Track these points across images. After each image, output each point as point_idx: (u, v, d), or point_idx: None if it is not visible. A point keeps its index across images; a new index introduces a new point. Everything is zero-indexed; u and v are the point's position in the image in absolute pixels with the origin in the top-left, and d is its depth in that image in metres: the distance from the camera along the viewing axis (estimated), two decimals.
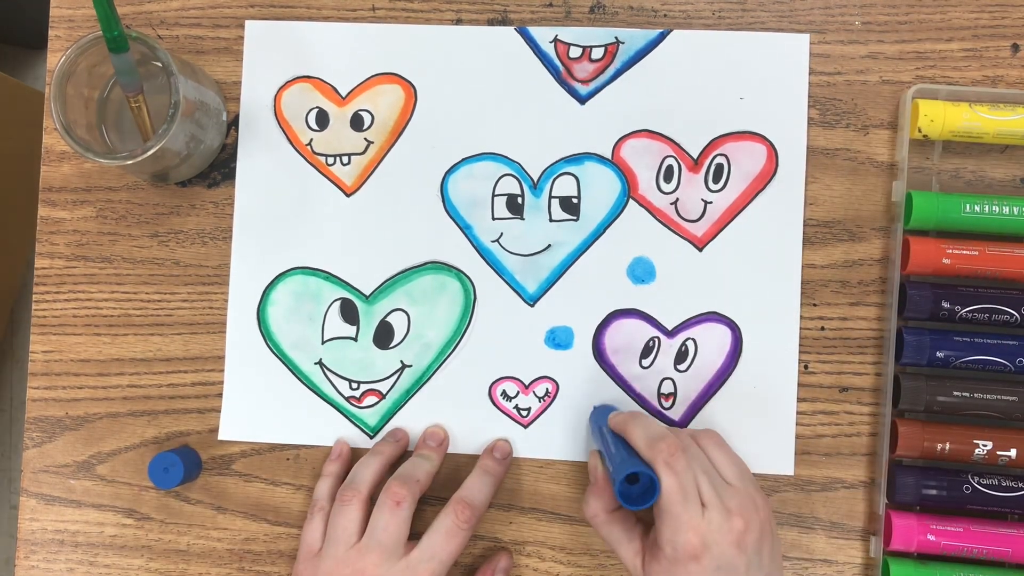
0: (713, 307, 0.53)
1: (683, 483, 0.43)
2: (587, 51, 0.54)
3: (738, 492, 0.44)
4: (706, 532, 0.42)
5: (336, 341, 0.54)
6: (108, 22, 0.44)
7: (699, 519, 0.42)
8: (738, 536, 0.42)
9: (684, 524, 0.42)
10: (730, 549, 0.42)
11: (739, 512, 0.43)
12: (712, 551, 0.42)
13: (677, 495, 0.42)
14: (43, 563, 0.54)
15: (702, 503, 0.43)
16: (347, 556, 0.46)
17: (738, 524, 0.43)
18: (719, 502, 0.43)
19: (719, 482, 0.44)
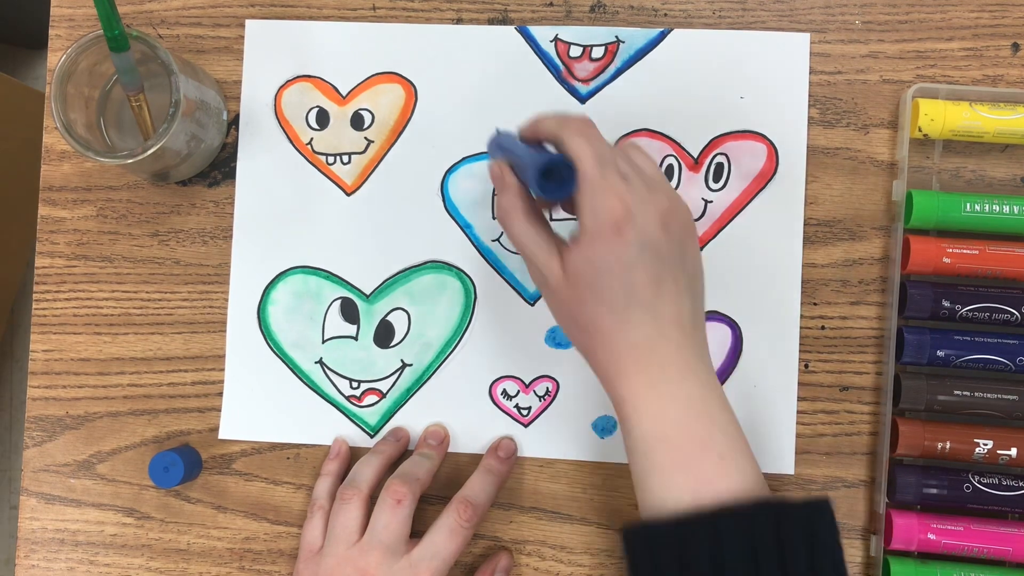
0: (713, 306, 0.53)
1: (599, 150, 0.40)
2: (587, 50, 0.54)
3: (662, 180, 0.41)
4: (629, 198, 0.39)
5: (336, 340, 0.54)
6: (109, 21, 0.44)
7: (621, 184, 0.39)
8: (663, 214, 0.39)
9: (604, 188, 0.39)
10: (654, 223, 0.39)
11: (665, 193, 0.40)
12: (636, 222, 0.38)
13: (593, 160, 0.39)
14: (43, 562, 0.54)
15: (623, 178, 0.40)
16: (348, 555, 0.46)
17: (662, 200, 0.40)
18: (639, 179, 0.40)
19: (640, 168, 0.41)
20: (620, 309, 0.39)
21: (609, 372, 0.41)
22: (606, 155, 0.40)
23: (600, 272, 0.39)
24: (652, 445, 0.39)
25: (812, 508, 0.38)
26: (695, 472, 0.38)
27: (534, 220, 0.42)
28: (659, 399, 0.39)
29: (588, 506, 0.52)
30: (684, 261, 0.40)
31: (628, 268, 0.39)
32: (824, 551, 0.37)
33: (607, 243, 0.39)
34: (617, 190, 0.39)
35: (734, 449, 0.39)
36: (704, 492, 0.38)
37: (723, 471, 0.38)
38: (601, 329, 0.40)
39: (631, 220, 0.38)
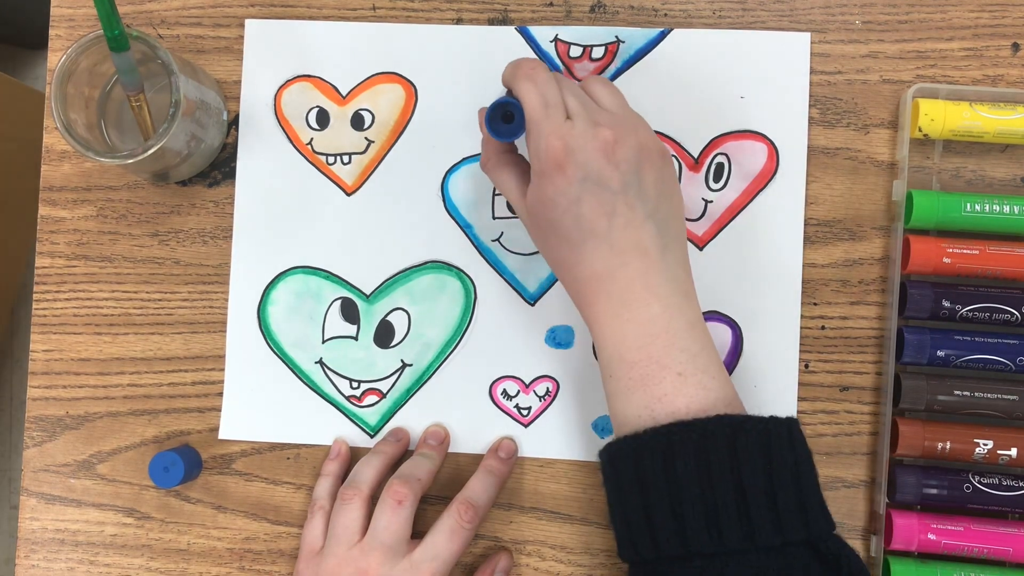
0: (714, 306, 0.53)
1: (544, 93, 0.41)
2: (588, 50, 0.54)
3: (612, 114, 0.42)
4: (568, 136, 0.40)
5: (336, 340, 0.54)
6: (109, 21, 0.44)
7: (561, 124, 0.40)
8: (605, 145, 0.40)
9: (545, 130, 0.40)
10: (596, 157, 0.40)
11: (609, 126, 0.41)
12: (576, 157, 0.40)
13: (537, 102, 0.41)
14: (43, 562, 0.54)
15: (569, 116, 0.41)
16: (349, 555, 0.46)
17: (605, 134, 0.40)
18: (586, 114, 0.41)
19: (591, 104, 0.42)
20: (576, 242, 0.41)
21: (577, 300, 0.43)
22: (551, 96, 0.41)
23: (549, 208, 0.41)
24: (615, 367, 0.41)
25: (771, 423, 0.38)
26: (652, 390, 0.40)
27: (504, 164, 0.45)
28: (620, 323, 0.41)
29: (588, 506, 0.52)
30: (641, 189, 0.41)
31: (575, 202, 0.40)
32: (782, 464, 0.37)
33: (551, 181, 0.41)
34: (558, 129, 0.40)
35: (696, 366, 0.40)
36: (661, 409, 0.39)
37: (681, 389, 0.39)
38: (563, 262, 0.42)
39: (571, 156, 0.40)
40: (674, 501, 0.37)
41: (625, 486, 0.39)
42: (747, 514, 0.36)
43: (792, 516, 0.37)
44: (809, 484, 0.38)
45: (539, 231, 0.43)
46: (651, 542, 0.38)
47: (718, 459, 0.37)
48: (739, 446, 0.37)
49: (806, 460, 0.39)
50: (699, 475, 0.37)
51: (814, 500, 0.38)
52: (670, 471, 0.37)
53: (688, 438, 0.37)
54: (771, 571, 0.36)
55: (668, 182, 0.43)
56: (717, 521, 0.37)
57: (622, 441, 0.39)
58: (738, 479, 0.37)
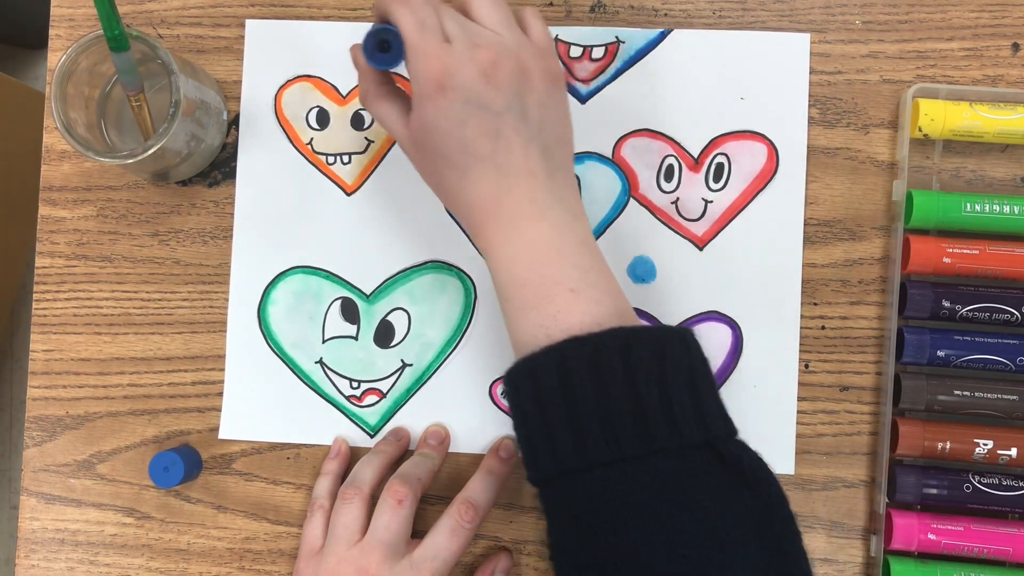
0: (714, 306, 0.53)
1: (420, 17, 0.40)
2: (588, 50, 0.54)
3: (493, 35, 0.41)
4: (447, 58, 0.39)
5: (337, 340, 0.54)
6: (109, 21, 0.44)
7: (439, 46, 0.40)
8: (484, 67, 0.40)
9: (424, 52, 0.40)
10: (476, 79, 0.39)
11: (488, 47, 0.40)
12: (456, 79, 0.39)
13: (413, 26, 0.40)
14: (43, 562, 0.54)
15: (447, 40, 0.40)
16: (349, 554, 0.46)
17: (484, 55, 0.40)
18: (465, 36, 0.40)
19: (471, 26, 0.41)
20: (460, 166, 0.41)
21: (468, 227, 0.43)
22: (427, 20, 0.41)
23: (433, 133, 0.41)
24: (509, 290, 0.41)
25: (664, 331, 0.39)
26: (546, 309, 0.39)
27: (384, 96, 0.44)
28: (511, 246, 0.41)
29: None
30: (525, 110, 0.41)
31: (458, 125, 0.40)
32: (676, 370, 0.37)
33: (433, 104, 0.40)
34: (435, 52, 0.40)
35: (588, 283, 0.40)
36: (555, 327, 0.39)
37: (574, 305, 0.39)
38: (450, 187, 0.42)
39: (451, 78, 0.39)
40: (571, 414, 0.37)
41: (525, 406, 0.39)
42: (644, 419, 0.36)
43: (689, 419, 0.37)
44: (706, 389, 0.38)
45: (424, 159, 0.43)
46: (552, 457, 0.38)
47: (612, 370, 0.37)
48: (633, 355, 0.37)
49: (702, 367, 0.39)
50: (594, 387, 0.37)
51: (711, 404, 0.38)
52: (566, 386, 0.37)
53: (582, 352, 0.37)
54: (669, 473, 0.36)
55: (553, 106, 0.42)
56: (614, 429, 0.37)
57: (520, 362, 0.39)
58: (633, 387, 0.37)
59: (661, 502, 0.36)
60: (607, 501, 0.37)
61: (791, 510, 0.38)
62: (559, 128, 0.43)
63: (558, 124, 0.43)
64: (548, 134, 0.42)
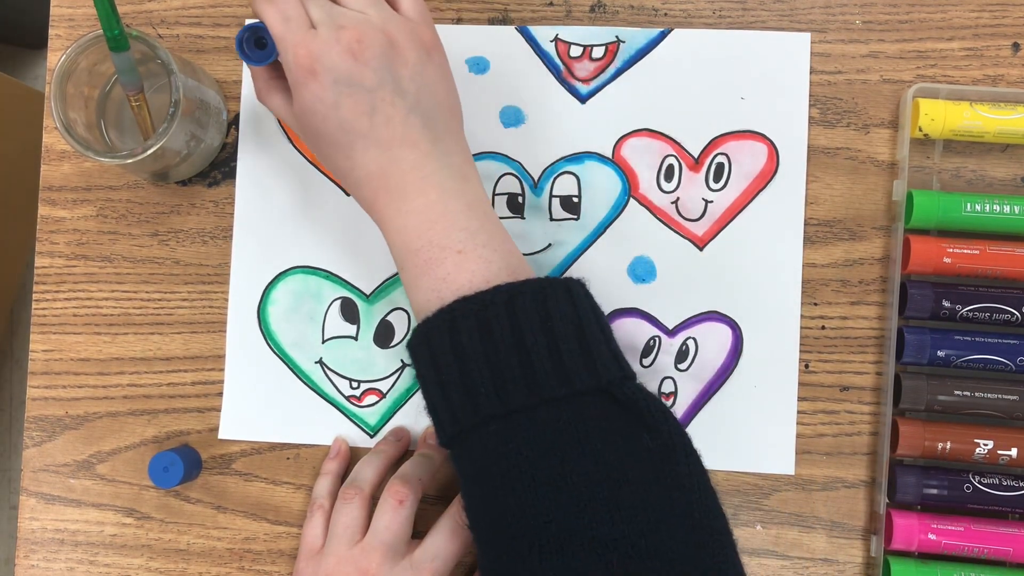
0: (714, 306, 0.53)
1: (283, 9, 0.42)
2: (588, 50, 0.54)
3: (358, 14, 0.42)
4: (312, 43, 0.41)
5: (336, 340, 0.54)
6: (109, 21, 0.44)
7: (305, 34, 0.41)
8: (350, 46, 0.40)
9: (290, 42, 0.41)
10: (343, 59, 0.40)
11: (353, 26, 0.41)
12: (323, 62, 0.40)
13: (278, 20, 0.41)
14: (43, 562, 0.54)
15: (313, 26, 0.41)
16: (350, 555, 0.46)
17: (349, 35, 0.41)
18: (329, 20, 0.41)
19: (335, 9, 0.42)
20: (344, 146, 0.42)
21: (363, 204, 0.44)
22: (290, 10, 0.42)
23: (313, 117, 0.42)
24: (403, 259, 0.42)
25: (548, 282, 0.39)
26: (436, 272, 0.40)
27: (273, 89, 0.45)
28: (401, 216, 0.42)
29: None
30: (398, 83, 0.42)
31: (333, 107, 0.41)
32: (562, 318, 0.38)
33: (307, 89, 0.41)
34: (301, 40, 0.41)
35: (476, 242, 0.41)
36: (447, 289, 0.40)
37: (462, 266, 0.40)
38: (340, 167, 0.43)
39: (318, 62, 0.40)
40: (463, 373, 0.38)
41: (423, 371, 0.40)
42: (531, 370, 0.37)
43: (578, 366, 0.37)
44: (594, 335, 0.38)
45: (313, 143, 0.44)
46: (451, 417, 0.39)
47: (499, 325, 0.37)
48: (518, 308, 0.38)
49: (589, 313, 0.39)
50: (483, 344, 0.37)
51: (601, 349, 0.38)
52: (456, 346, 0.38)
53: (469, 311, 0.38)
54: (562, 422, 0.37)
55: (429, 76, 0.43)
56: (504, 383, 0.37)
57: (416, 328, 0.40)
58: (520, 338, 0.37)
59: (553, 451, 0.36)
60: (503, 454, 0.37)
61: (694, 447, 0.38)
62: (440, 95, 0.43)
63: (438, 91, 0.43)
64: (427, 102, 0.42)
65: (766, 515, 0.51)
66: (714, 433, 0.52)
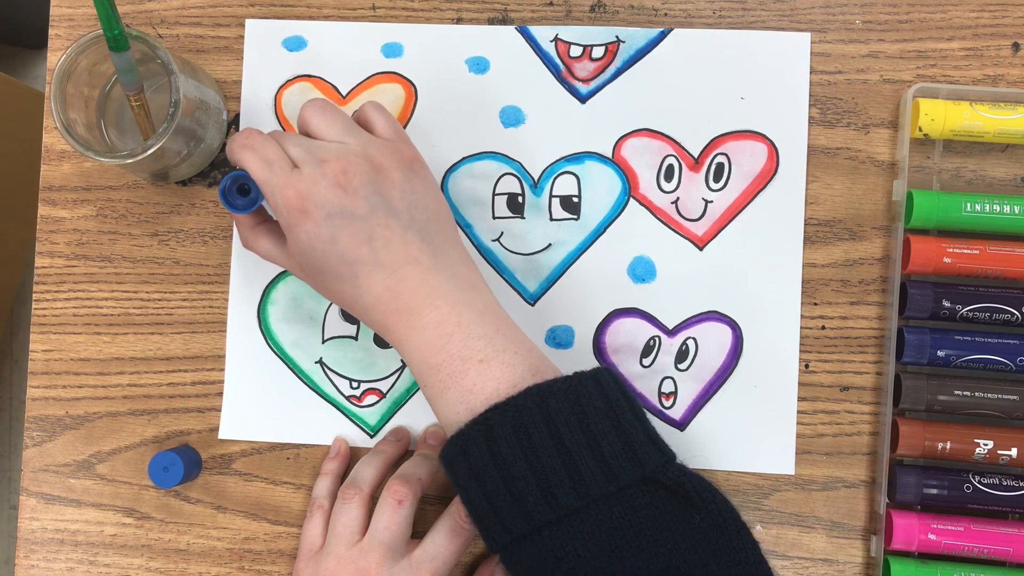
0: (714, 306, 0.53)
1: (263, 154, 0.42)
2: (588, 50, 0.54)
3: (337, 144, 0.43)
4: (299, 183, 0.41)
5: (336, 340, 0.54)
6: (108, 21, 0.44)
7: (289, 175, 0.41)
8: (336, 178, 0.41)
9: (276, 186, 0.41)
10: (332, 192, 0.41)
11: (335, 158, 0.41)
12: (313, 199, 0.41)
13: (259, 165, 0.42)
14: (43, 562, 0.54)
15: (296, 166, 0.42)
16: (349, 555, 0.46)
17: (333, 167, 0.41)
18: (310, 156, 0.42)
19: (314, 144, 0.43)
20: (348, 277, 0.42)
21: (375, 328, 0.43)
22: (271, 154, 0.42)
23: (311, 255, 0.42)
24: (425, 376, 0.42)
25: (577, 379, 0.39)
26: (461, 385, 0.40)
27: (261, 234, 0.46)
28: (416, 333, 0.42)
29: None
30: (390, 205, 0.42)
31: (330, 241, 0.41)
32: (596, 413, 0.38)
33: (301, 229, 0.41)
34: (287, 181, 0.41)
35: (495, 348, 0.41)
36: (475, 400, 0.40)
37: (486, 374, 0.40)
38: (347, 297, 0.43)
39: (308, 200, 0.41)
40: (507, 481, 0.38)
41: (465, 483, 0.39)
42: (576, 471, 0.37)
43: (621, 460, 0.37)
44: (631, 425, 0.38)
45: (315, 280, 0.44)
46: (501, 527, 0.38)
47: (536, 429, 0.37)
48: (552, 409, 0.37)
49: (621, 403, 0.39)
50: (523, 449, 0.37)
51: (640, 438, 0.38)
52: (497, 455, 0.38)
53: (504, 419, 0.38)
54: (614, 518, 0.37)
55: (418, 191, 0.43)
56: (550, 487, 0.37)
57: (451, 441, 0.40)
58: (559, 441, 0.37)
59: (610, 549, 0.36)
60: (560, 558, 0.37)
61: (742, 520, 0.38)
62: (431, 206, 0.44)
63: (428, 203, 0.44)
64: (420, 217, 0.43)
65: (766, 515, 0.51)
66: (714, 433, 0.52)
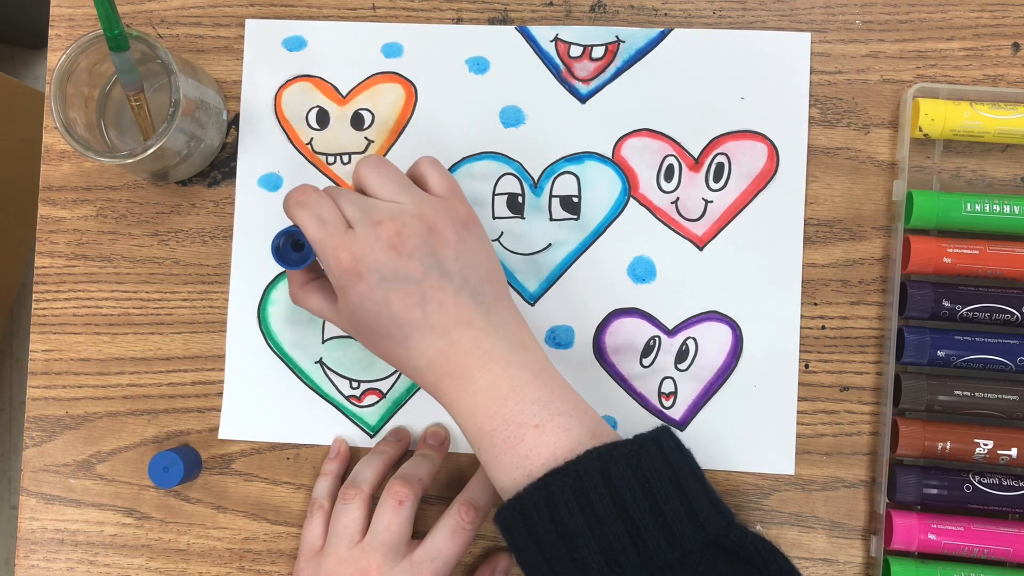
0: (714, 306, 0.53)
1: (317, 212, 0.42)
2: (588, 50, 0.54)
3: (392, 205, 0.42)
4: (353, 245, 0.41)
5: (336, 340, 0.54)
6: (108, 21, 0.44)
7: (343, 236, 0.41)
8: (390, 241, 0.41)
9: (330, 246, 0.41)
10: (386, 256, 0.40)
11: (389, 220, 0.41)
12: (366, 262, 0.40)
13: (314, 224, 0.42)
14: (43, 562, 0.54)
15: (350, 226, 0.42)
16: (349, 555, 0.46)
17: (387, 229, 0.41)
18: (364, 217, 0.41)
19: (368, 204, 0.42)
20: (400, 338, 0.42)
21: (426, 388, 0.43)
22: (326, 213, 0.42)
23: (363, 316, 0.42)
24: (479, 439, 0.41)
25: (638, 443, 0.38)
26: (518, 449, 0.40)
27: (312, 291, 0.46)
28: (468, 396, 0.41)
29: None
30: (443, 267, 0.42)
31: (383, 303, 0.41)
32: (659, 478, 0.37)
33: (353, 291, 0.41)
34: (341, 242, 0.41)
35: (550, 412, 0.40)
36: (532, 465, 0.39)
37: (543, 439, 0.39)
38: (398, 359, 0.43)
39: (361, 263, 0.41)
40: (569, 548, 0.37)
41: (523, 548, 0.39)
42: (640, 539, 0.36)
43: (683, 525, 0.37)
44: (692, 488, 0.38)
45: (366, 337, 0.43)
46: None
47: (597, 495, 0.37)
48: (613, 475, 0.37)
49: (684, 466, 0.38)
50: (585, 516, 0.37)
51: (702, 502, 0.38)
52: (557, 521, 0.37)
53: (565, 483, 0.37)
54: None
55: (471, 251, 0.43)
56: (614, 555, 0.36)
57: (508, 505, 0.39)
58: (622, 507, 0.37)
59: None
60: None
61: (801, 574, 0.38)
62: (484, 266, 0.43)
63: (481, 263, 0.43)
64: (473, 278, 0.42)
65: (766, 515, 0.51)
66: (714, 433, 0.52)
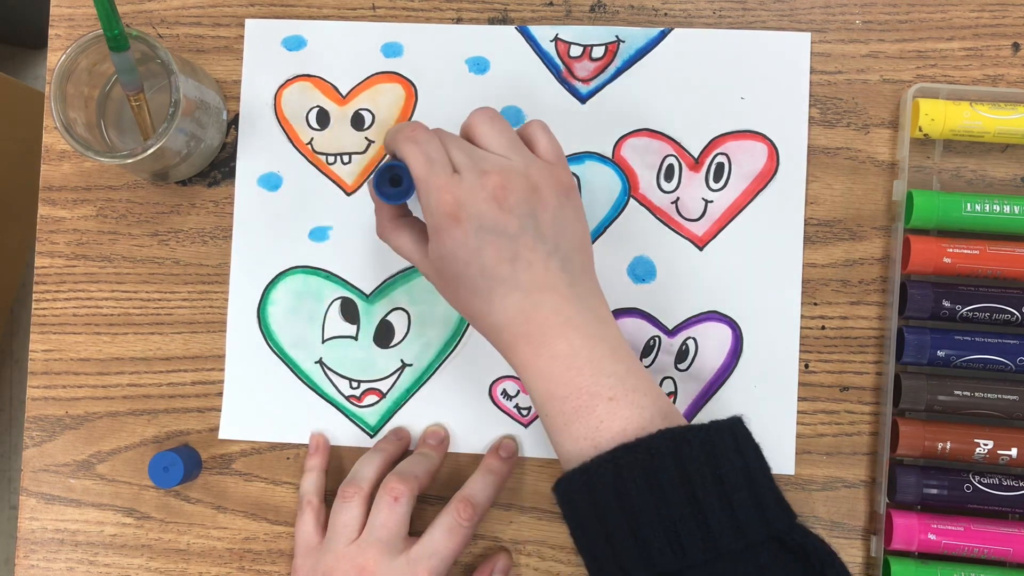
0: (714, 306, 0.53)
1: (427, 151, 0.41)
2: (588, 50, 0.54)
3: (500, 159, 0.42)
4: (457, 189, 0.40)
5: (336, 340, 0.54)
6: (108, 21, 0.44)
7: (449, 179, 0.41)
8: (494, 192, 0.40)
9: (434, 186, 0.41)
10: (487, 206, 0.40)
11: (497, 172, 0.41)
12: (468, 209, 0.40)
13: (421, 161, 0.41)
14: (43, 562, 0.54)
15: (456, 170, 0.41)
16: (347, 551, 0.46)
17: (493, 181, 0.41)
18: (472, 165, 0.41)
19: (477, 153, 0.42)
20: (484, 291, 0.41)
21: (499, 347, 0.43)
22: (434, 152, 0.42)
23: (452, 262, 0.41)
24: (548, 405, 0.41)
25: (713, 430, 0.38)
26: (588, 420, 0.39)
27: (400, 228, 0.46)
28: (544, 362, 0.41)
29: None
30: (539, 228, 0.41)
31: (475, 253, 0.41)
32: (731, 468, 0.37)
33: (449, 235, 0.41)
34: (446, 184, 0.41)
35: (626, 387, 0.40)
36: (601, 437, 0.39)
37: (616, 412, 0.39)
38: (477, 312, 0.42)
39: (463, 209, 0.40)
40: (632, 524, 0.37)
41: (584, 519, 0.39)
42: (705, 524, 0.36)
43: (750, 517, 0.36)
44: (762, 482, 0.38)
45: (447, 287, 0.43)
46: (619, 570, 0.37)
47: (667, 475, 0.37)
48: (685, 458, 0.37)
49: (755, 459, 0.38)
50: (652, 494, 0.37)
51: (770, 496, 0.38)
52: (623, 495, 0.37)
53: (635, 460, 0.37)
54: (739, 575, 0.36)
55: (567, 219, 0.43)
56: (678, 537, 0.36)
57: (572, 475, 0.39)
58: (691, 491, 0.36)
59: None
60: None
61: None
62: (576, 237, 0.43)
63: (575, 233, 0.43)
64: (565, 245, 0.42)
65: None
66: None
